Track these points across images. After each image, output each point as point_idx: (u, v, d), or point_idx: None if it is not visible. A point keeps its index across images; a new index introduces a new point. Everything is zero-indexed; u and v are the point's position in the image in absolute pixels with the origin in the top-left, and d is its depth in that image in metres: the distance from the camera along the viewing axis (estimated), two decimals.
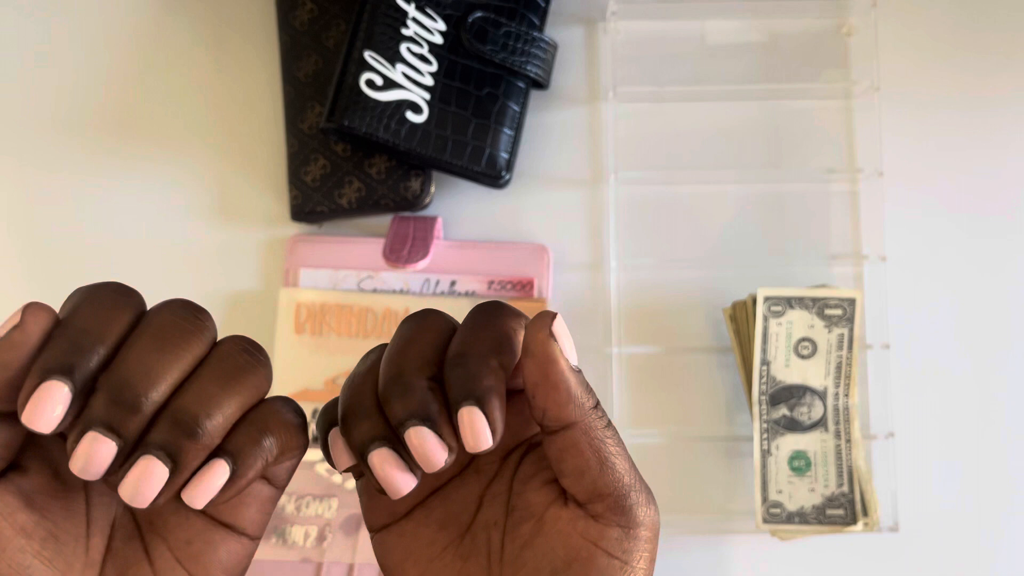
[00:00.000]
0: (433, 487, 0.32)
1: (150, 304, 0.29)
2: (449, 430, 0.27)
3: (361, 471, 0.29)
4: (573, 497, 0.29)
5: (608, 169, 0.65)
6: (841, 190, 0.66)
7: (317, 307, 0.63)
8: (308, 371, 0.62)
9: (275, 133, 0.67)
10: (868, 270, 0.65)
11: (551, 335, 0.28)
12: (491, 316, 0.29)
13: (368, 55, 0.60)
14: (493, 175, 0.62)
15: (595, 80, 0.67)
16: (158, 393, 0.26)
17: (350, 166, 0.62)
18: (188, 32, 0.68)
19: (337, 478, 0.59)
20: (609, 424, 0.29)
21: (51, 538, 0.27)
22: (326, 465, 0.60)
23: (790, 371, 0.61)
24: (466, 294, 0.64)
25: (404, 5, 0.61)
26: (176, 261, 0.65)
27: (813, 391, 0.61)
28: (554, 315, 0.28)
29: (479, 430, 0.27)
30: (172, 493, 0.26)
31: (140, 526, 0.30)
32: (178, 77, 0.68)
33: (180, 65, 0.68)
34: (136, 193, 0.66)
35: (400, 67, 0.60)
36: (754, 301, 0.61)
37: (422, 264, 0.62)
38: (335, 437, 0.29)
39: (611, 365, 0.62)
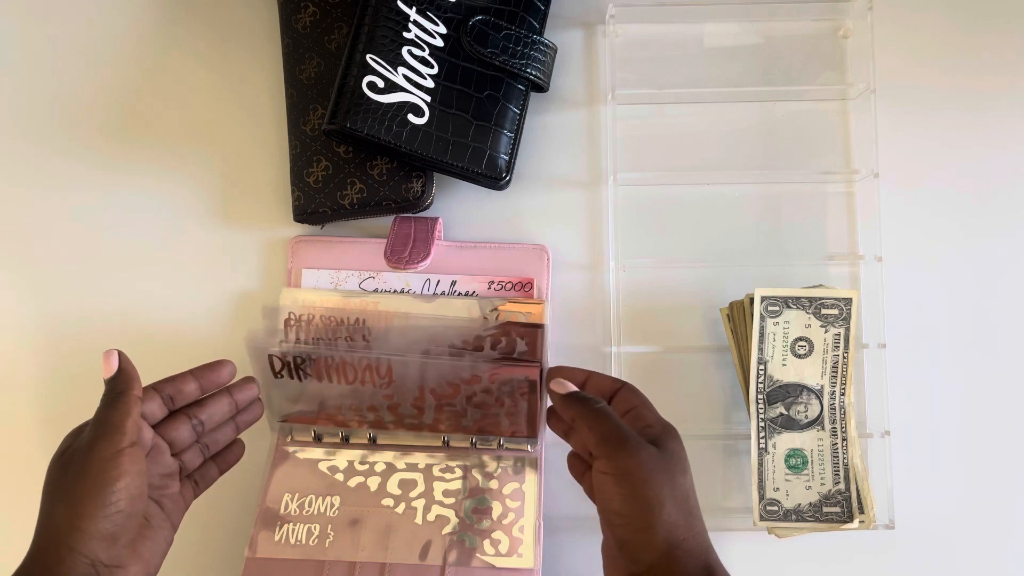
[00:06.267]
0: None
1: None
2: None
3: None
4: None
5: (607, 171, 0.66)
6: (837, 191, 0.66)
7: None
8: None
9: (278, 135, 0.67)
10: (864, 270, 0.65)
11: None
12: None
13: (370, 58, 0.60)
14: (493, 177, 0.63)
15: (594, 83, 0.68)
16: None
17: (352, 167, 0.63)
18: (191, 36, 0.69)
19: (339, 476, 0.60)
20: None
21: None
22: (328, 463, 0.60)
23: (787, 370, 0.61)
24: (466, 294, 0.64)
25: (405, 8, 0.61)
26: (180, 262, 0.66)
27: (810, 390, 0.61)
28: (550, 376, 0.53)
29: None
30: None
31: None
32: (182, 80, 0.68)
33: (184, 69, 0.68)
34: (140, 195, 0.67)
35: (402, 70, 0.61)
36: (751, 301, 0.61)
37: (423, 265, 0.62)
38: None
39: (610, 364, 0.63)
